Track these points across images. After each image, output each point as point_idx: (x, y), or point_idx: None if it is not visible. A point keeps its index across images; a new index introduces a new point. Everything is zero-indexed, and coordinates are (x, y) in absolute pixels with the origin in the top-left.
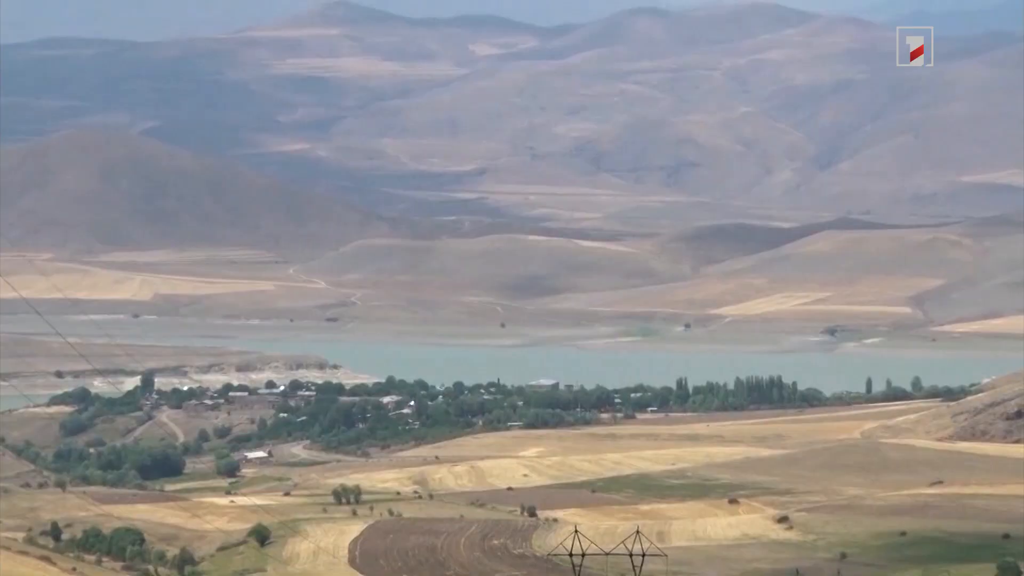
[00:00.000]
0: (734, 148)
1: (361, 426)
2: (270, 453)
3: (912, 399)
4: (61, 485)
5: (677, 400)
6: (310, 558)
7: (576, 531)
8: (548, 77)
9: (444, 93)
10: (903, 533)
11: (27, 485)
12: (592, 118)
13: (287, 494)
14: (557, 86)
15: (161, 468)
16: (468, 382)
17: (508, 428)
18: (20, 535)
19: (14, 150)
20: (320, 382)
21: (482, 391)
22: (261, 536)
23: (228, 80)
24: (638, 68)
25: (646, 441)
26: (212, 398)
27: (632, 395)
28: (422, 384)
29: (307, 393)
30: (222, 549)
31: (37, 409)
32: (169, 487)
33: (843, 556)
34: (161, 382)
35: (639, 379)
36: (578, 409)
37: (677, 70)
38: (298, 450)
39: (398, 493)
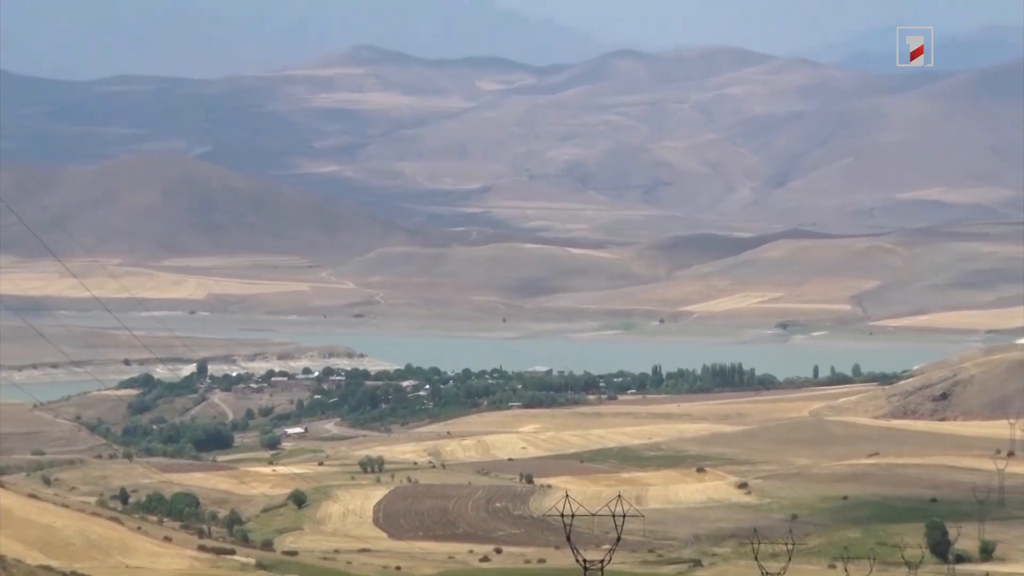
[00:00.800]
0: (701, 170)
1: (384, 406)
2: (306, 429)
3: (852, 383)
4: (128, 456)
5: (653, 384)
6: (340, 518)
7: (567, 496)
8: (543, 109)
9: (454, 123)
10: (845, 497)
11: (99, 456)
12: (580, 144)
13: (321, 464)
14: (551, 117)
15: (213, 442)
16: (475, 369)
17: (509, 408)
18: (93, 499)
19: (87, 171)
20: (349, 369)
21: (487, 376)
22: (299, 500)
23: (270, 111)
24: (620, 102)
25: (626, 419)
26: (257, 382)
27: (614, 380)
28: (436, 370)
29: (338, 378)
30: (265, 511)
31: (108, 392)
32: (220, 458)
33: (794, 517)
34: (213, 369)
35: (620, 366)
36: (568, 391)
37: (653, 103)
38: (330, 427)
39: (415, 463)
